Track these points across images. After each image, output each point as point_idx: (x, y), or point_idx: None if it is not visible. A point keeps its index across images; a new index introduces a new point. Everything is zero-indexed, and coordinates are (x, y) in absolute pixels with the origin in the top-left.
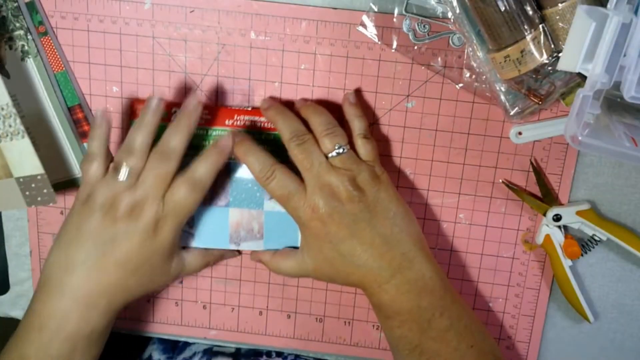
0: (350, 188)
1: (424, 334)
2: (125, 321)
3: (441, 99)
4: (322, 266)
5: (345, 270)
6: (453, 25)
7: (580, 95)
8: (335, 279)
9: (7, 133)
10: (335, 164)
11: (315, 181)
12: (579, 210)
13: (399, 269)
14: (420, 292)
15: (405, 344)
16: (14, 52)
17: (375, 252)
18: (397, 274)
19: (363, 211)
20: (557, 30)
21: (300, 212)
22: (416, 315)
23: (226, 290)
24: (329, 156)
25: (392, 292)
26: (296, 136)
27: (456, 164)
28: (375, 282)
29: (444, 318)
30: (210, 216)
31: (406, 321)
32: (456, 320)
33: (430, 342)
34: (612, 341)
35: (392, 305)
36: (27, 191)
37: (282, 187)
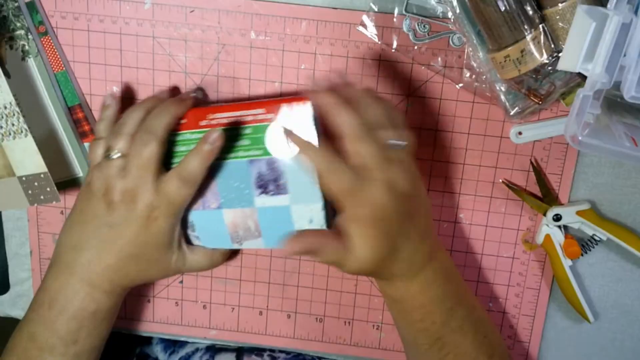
0: (411, 185)
1: (444, 326)
2: (126, 321)
3: (441, 98)
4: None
5: (384, 265)
6: (453, 25)
7: (580, 95)
8: (367, 273)
9: (10, 132)
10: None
11: (378, 177)
12: (579, 210)
13: (429, 260)
14: (444, 280)
15: (426, 337)
16: (15, 52)
17: (412, 245)
18: (427, 265)
19: (412, 208)
20: (557, 30)
21: (358, 208)
22: (440, 305)
23: (226, 290)
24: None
25: (421, 283)
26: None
27: (456, 163)
28: (406, 275)
29: (462, 307)
30: (207, 220)
31: (429, 313)
32: (471, 309)
33: (450, 334)
34: (612, 341)
35: (418, 297)
36: (30, 190)
37: (343, 182)
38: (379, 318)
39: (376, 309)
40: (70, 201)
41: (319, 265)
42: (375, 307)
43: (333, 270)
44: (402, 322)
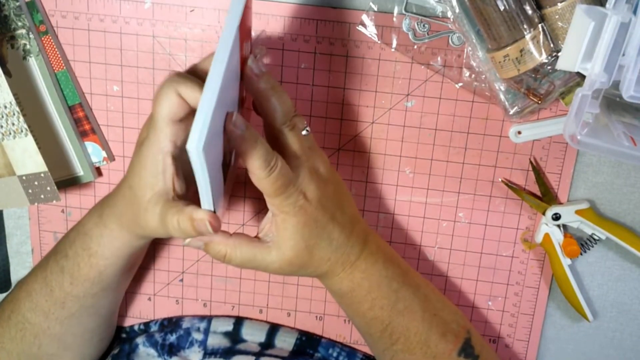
0: (329, 169)
1: (393, 310)
2: (127, 319)
3: (441, 98)
4: (299, 256)
5: (322, 257)
6: (452, 24)
7: (579, 94)
8: (304, 269)
9: (10, 131)
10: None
11: (306, 165)
12: (578, 209)
13: (365, 243)
14: (384, 262)
15: (377, 325)
16: (16, 51)
17: (346, 231)
18: (363, 248)
19: (336, 192)
20: (557, 30)
21: (292, 200)
22: (385, 288)
23: (226, 289)
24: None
25: (363, 268)
26: (289, 118)
27: (456, 163)
28: (347, 261)
29: (407, 287)
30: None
31: (377, 299)
32: (416, 288)
33: (399, 317)
34: (611, 340)
35: (363, 284)
36: (30, 189)
37: (283, 176)
38: None
39: None
40: (71, 200)
41: None
42: None
43: None
44: (353, 314)
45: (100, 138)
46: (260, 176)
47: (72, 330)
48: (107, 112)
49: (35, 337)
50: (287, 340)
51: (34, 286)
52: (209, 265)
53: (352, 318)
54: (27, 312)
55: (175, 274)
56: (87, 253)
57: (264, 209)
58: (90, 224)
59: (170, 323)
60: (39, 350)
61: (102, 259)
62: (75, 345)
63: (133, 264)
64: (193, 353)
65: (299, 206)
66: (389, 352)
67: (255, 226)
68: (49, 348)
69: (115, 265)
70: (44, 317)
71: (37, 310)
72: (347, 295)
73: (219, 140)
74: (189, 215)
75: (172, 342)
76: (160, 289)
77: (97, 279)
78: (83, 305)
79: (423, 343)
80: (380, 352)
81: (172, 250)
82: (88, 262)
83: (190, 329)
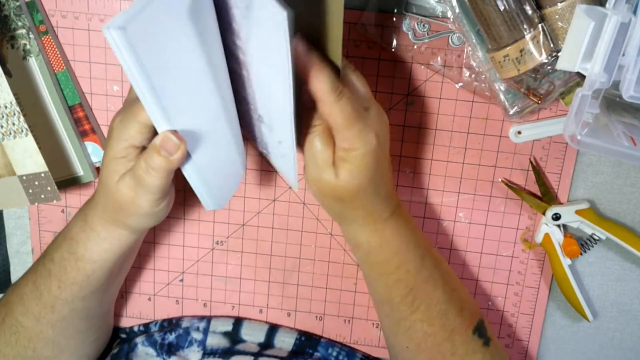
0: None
1: (417, 275)
2: (127, 319)
3: (441, 98)
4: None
5: (364, 201)
6: (452, 24)
7: (579, 94)
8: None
9: (11, 131)
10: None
11: (375, 106)
12: (578, 209)
13: (397, 206)
14: (412, 227)
15: (401, 288)
16: (16, 51)
17: (389, 186)
18: (396, 208)
19: (387, 143)
20: (557, 30)
21: (364, 136)
22: (412, 251)
23: (226, 289)
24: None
25: (394, 226)
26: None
27: (456, 163)
28: (381, 217)
29: (431, 257)
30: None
31: (404, 261)
32: (437, 262)
33: (422, 284)
34: (611, 340)
35: (393, 243)
36: (30, 189)
37: (353, 104)
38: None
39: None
40: (71, 200)
41: (319, 264)
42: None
43: (333, 269)
44: (377, 275)
45: (100, 138)
46: (330, 101)
47: (64, 332)
48: (107, 112)
49: (29, 341)
50: (286, 341)
51: (25, 290)
52: (209, 265)
53: (374, 281)
54: (19, 316)
55: (175, 274)
56: (73, 257)
57: (263, 209)
58: (76, 229)
59: (170, 324)
60: (34, 354)
61: (90, 262)
62: (69, 347)
63: (122, 266)
64: (192, 353)
65: (371, 147)
66: (406, 322)
67: (255, 226)
68: (43, 351)
69: (103, 269)
70: (36, 321)
71: (29, 314)
72: (375, 252)
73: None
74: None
75: (171, 341)
76: (160, 289)
77: (85, 282)
78: (73, 308)
79: (443, 314)
80: (396, 322)
81: (172, 250)
82: (75, 266)
83: (189, 329)
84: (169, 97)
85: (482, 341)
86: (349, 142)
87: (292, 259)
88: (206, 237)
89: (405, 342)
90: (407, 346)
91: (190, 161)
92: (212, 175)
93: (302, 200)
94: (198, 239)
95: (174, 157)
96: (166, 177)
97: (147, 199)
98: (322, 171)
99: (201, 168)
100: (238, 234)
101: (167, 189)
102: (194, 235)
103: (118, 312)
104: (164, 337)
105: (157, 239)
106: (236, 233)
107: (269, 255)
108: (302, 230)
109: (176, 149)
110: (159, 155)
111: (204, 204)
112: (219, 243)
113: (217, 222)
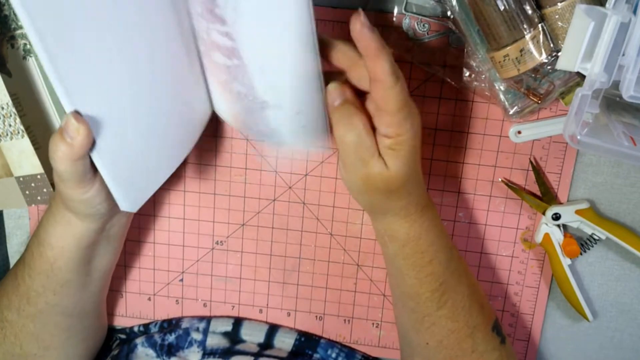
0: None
1: (447, 268)
2: (126, 319)
3: (440, 97)
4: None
5: (408, 190)
6: (452, 24)
7: (579, 94)
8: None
9: (7, 132)
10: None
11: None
12: (578, 209)
13: (429, 198)
14: (440, 221)
15: (432, 282)
16: (16, 51)
17: (422, 177)
18: (429, 201)
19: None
20: (557, 30)
21: (411, 121)
22: (444, 242)
23: (226, 289)
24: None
25: (430, 215)
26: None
27: (455, 162)
28: (419, 205)
29: (456, 250)
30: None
31: (438, 252)
32: (459, 257)
33: (450, 278)
34: (610, 340)
35: (430, 232)
36: (27, 190)
37: (406, 90)
38: (378, 316)
39: (376, 307)
40: None
41: (319, 264)
42: (375, 306)
43: (333, 269)
44: (410, 268)
45: None
46: (389, 83)
47: (46, 328)
48: None
49: (16, 337)
50: (286, 341)
51: (7, 282)
52: (209, 265)
53: (405, 274)
54: (4, 310)
55: (175, 274)
56: (37, 241)
57: (263, 209)
58: (45, 215)
59: (170, 325)
60: (21, 350)
61: (49, 248)
62: (55, 345)
63: (90, 261)
64: (192, 353)
65: (415, 131)
66: (431, 318)
67: (255, 226)
68: (29, 348)
69: (64, 259)
70: (17, 314)
71: (11, 308)
72: (412, 244)
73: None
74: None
75: (171, 342)
76: (160, 289)
77: (50, 272)
78: (47, 302)
79: (467, 310)
80: (420, 318)
81: (172, 250)
82: (38, 252)
83: (189, 329)
84: (70, 69)
85: (499, 339)
86: (396, 128)
87: (292, 258)
88: (206, 237)
89: (426, 339)
90: (428, 342)
91: (95, 149)
92: (129, 171)
93: (302, 200)
94: (198, 238)
95: (74, 141)
96: (71, 163)
97: (65, 186)
98: (369, 164)
99: (113, 160)
100: (238, 233)
101: (82, 177)
102: (194, 235)
103: (118, 312)
104: (163, 337)
105: (157, 239)
106: (236, 233)
107: (269, 255)
108: (302, 230)
109: (76, 132)
110: (62, 139)
111: (118, 202)
112: (219, 243)
113: (217, 222)
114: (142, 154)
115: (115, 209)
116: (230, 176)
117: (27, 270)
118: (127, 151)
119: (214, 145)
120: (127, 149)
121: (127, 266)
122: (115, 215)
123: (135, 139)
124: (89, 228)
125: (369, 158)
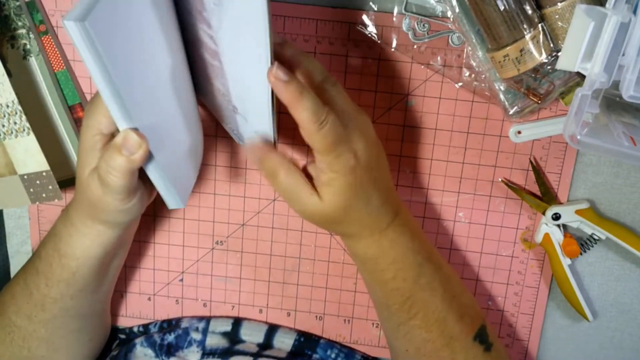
0: (373, 130)
1: (415, 283)
2: (126, 319)
3: (440, 97)
4: (335, 213)
5: (355, 218)
6: (452, 24)
7: (579, 94)
8: (334, 225)
9: (12, 130)
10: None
11: (355, 122)
12: (578, 209)
13: (396, 213)
14: (412, 235)
15: (397, 297)
16: (16, 51)
17: (382, 197)
18: (395, 217)
19: (379, 156)
20: (557, 30)
21: (343, 159)
22: (410, 259)
23: (226, 289)
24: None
25: (392, 236)
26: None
27: (455, 162)
28: (377, 228)
29: (430, 264)
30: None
31: (401, 270)
32: (438, 267)
33: (420, 292)
34: (611, 340)
35: (390, 253)
36: (32, 188)
37: (335, 131)
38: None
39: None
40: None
41: (319, 264)
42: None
43: (333, 269)
44: (374, 282)
45: None
46: (310, 130)
47: (57, 332)
48: None
49: (24, 340)
50: (285, 341)
51: (16, 288)
52: (209, 265)
53: (372, 287)
54: (12, 315)
55: (175, 274)
56: (57, 254)
57: (263, 209)
58: (60, 226)
59: (169, 325)
60: (29, 353)
61: (73, 259)
62: (64, 347)
63: (110, 265)
64: (191, 353)
65: (350, 167)
66: (405, 327)
67: (255, 226)
68: (38, 350)
69: (87, 266)
70: (28, 320)
71: (21, 314)
72: (371, 262)
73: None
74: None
75: (170, 342)
76: (160, 289)
77: (72, 279)
78: (62, 307)
79: (441, 322)
80: (395, 326)
81: (172, 250)
82: (60, 263)
83: (188, 329)
84: (129, 92)
85: (483, 347)
86: (327, 165)
87: (292, 258)
88: (206, 237)
89: (405, 346)
90: (407, 349)
91: (153, 160)
92: (174, 173)
93: None
94: (198, 238)
95: (135, 156)
96: (129, 177)
97: (113, 198)
98: (305, 201)
99: (164, 166)
100: (238, 233)
101: (133, 188)
102: (193, 235)
103: (118, 312)
104: (163, 337)
105: (157, 239)
106: (236, 233)
107: (268, 255)
108: (302, 230)
109: (137, 147)
110: (120, 154)
111: (168, 203)
112: (219, 243)
113: (217, 222)
114: (179, 155)
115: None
116: (230, 176)
117: (43, 280)
118: (169, 156)
119: (214, 145)
120: (169, 154)
121: (127, 266)
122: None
123: (174, 144)
124: (117, 235)
125: (301, 195)
